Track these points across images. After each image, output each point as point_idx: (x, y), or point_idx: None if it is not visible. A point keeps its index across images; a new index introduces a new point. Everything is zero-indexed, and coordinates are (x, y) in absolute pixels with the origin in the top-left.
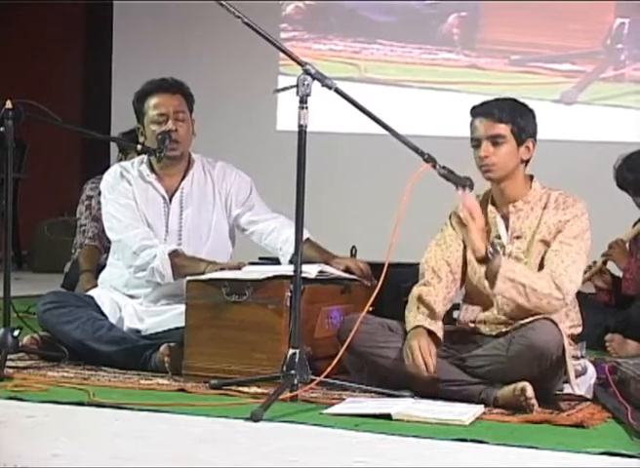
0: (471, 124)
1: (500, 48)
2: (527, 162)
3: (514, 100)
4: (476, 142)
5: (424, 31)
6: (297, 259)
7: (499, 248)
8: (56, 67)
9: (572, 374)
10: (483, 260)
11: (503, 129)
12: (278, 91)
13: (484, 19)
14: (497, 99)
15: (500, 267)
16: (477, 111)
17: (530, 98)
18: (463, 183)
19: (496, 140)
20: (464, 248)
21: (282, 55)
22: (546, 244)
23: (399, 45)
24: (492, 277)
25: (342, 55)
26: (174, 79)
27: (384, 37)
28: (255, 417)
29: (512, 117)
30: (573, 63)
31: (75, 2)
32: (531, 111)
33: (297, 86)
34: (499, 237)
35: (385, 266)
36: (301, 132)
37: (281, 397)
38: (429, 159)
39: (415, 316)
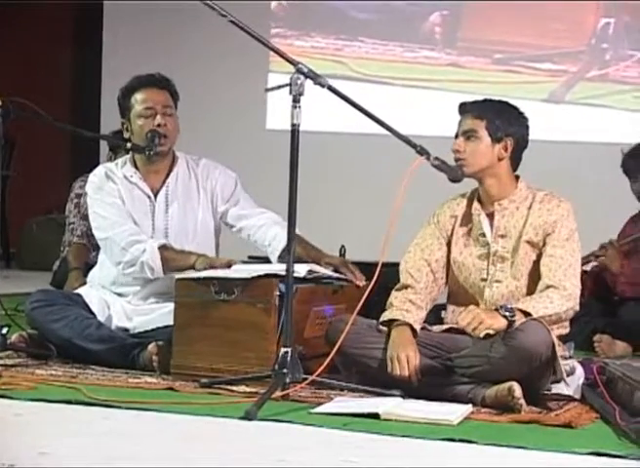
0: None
1: (482, 46)
2: (512, 162)
3: (501, 102)
4: (455, 137)
5: (406, 29)
6: (289, 258)
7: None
8: (45, 66)
9: (564, 373)
10: (509, 327)
11: (477, 124)
12: (270, 90)
13: (466, 18)
14: (484, 100)
15: (520, 321)
16: (462, 108)
17: (511, 97)
18: (455, 173)
19: (469, 135)
20: (448, 247)
21: (272, 52)
22: (533, 245)
23: (381, 43)
24: None
25: (325, 52)
26: (161, 75)
27: (367, 35)
28: (249, 416)
29: (489, 114)
30: (556, 63)
31: (65, 2)
32: (516, 113)
33: (290, 85)
34: (483, 235)
35: (379, 266)
36: (294, 131)
37: (273, 396)
38: (422, 151)
39: (391, 311)
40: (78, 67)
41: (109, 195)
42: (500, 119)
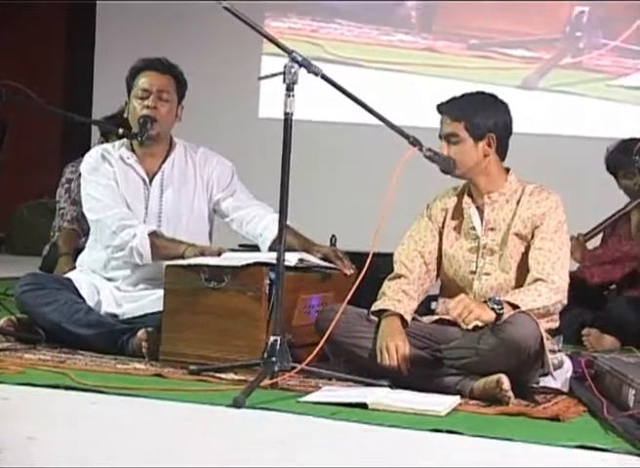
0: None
1: (457, 32)
2: (499, 153)
3: (476, 95)
4: (439, 138)
5: (382, 12)
6: (280, 247)
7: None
8: (38, 51)
9: (551, 367)
10: (497, 319)
11: (457, 127)
12: (264, 78)
13: (442, 3)
14: (461, 96)
15: (508, 314)
16: (439, 109)
17: (485, 83)
18: (448, 165)
19: (450, 139)
20: (440, 239)
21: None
22: (521, 238)
23: (357, 25)
24: None
25: (300, 33)
26: (167, 60)
27: (342, 17)
28: (237, 404)
29: (466, 114)
30: (530, 50)
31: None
32: (494, 104)
33: (283, 73)
34: (473, 228)
35: (370, 255)
36: (287, 120)
37: (261, 384)
38: (415, 142)
39: (383, 301)
40: (71, 54)
41: (104, 177)
42: (478, 116)
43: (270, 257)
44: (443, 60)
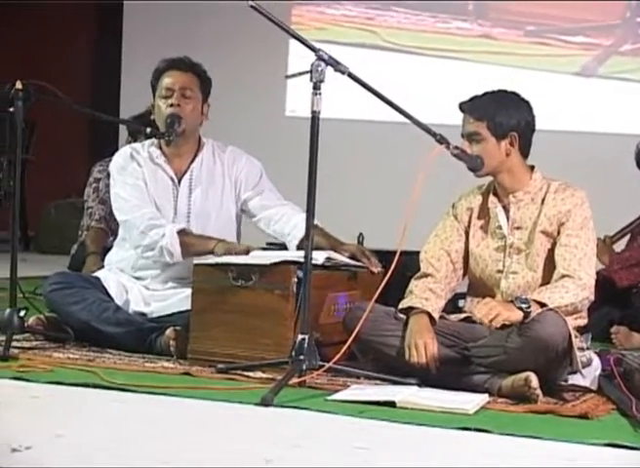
0: None
1: (514, 18)
2: (522, 151)
3: (498, 94)
4: (462, 137)
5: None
6: (307, 245)
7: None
8: (66, 51)
9: (579, 364)
10: (525, 318)
11: (479, 126)
12: (290, 76)
13: None
14: (483, 94)
15: (536, 312)
16: (461, 108)
17: (542, 70)
18: (475, 163)
19: (472, 138)
20: (466, 238)
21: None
22: (548, 235)
23: (413, 12)
24: None
25: (356, 20)
26: (189, 59)
27: (399, 4)
28: (265, 402)
29: (488, 113)
30: (588, 36)
31: None
32: (516, 102)
33: (310, 72)
34: (499, 227)
35: (398, 253)
36: (314, 118)
37: (289, 382)
38: (442, 140)
39: (411, 299)
40: (98, 52)
41: (132, 176)
42: (500, 115)
43: (298, 256)
44: (500, 48)
